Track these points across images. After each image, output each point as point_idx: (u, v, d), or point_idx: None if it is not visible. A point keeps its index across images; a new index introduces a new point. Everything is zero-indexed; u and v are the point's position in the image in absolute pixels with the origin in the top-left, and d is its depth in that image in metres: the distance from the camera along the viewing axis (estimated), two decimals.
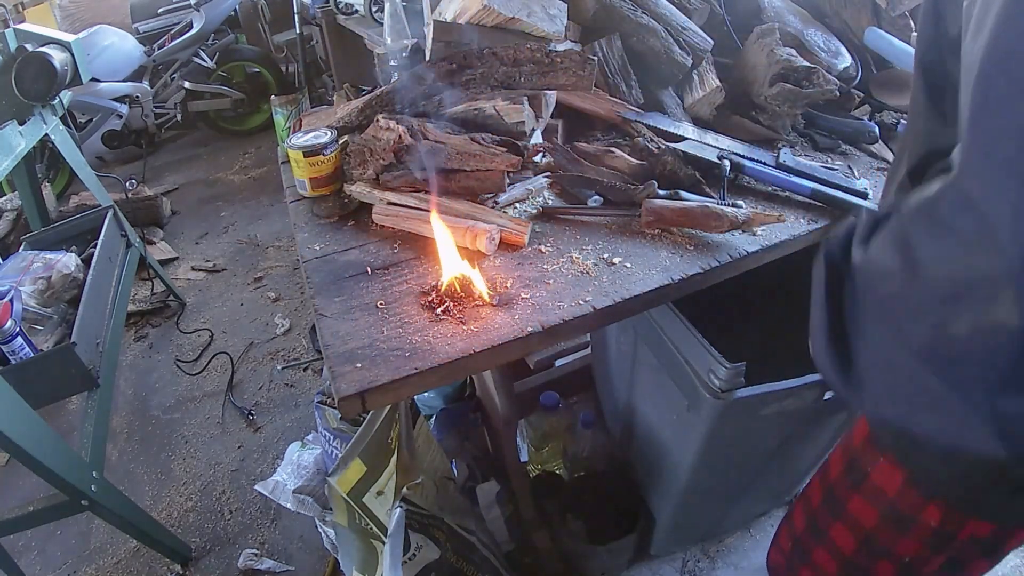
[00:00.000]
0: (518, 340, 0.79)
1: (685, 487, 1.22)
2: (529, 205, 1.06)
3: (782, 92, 1.12)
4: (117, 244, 2.00)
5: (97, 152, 3.89)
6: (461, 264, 0.88)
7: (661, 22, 1.21)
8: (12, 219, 2.74)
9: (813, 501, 0.85)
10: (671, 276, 0.88)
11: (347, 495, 1.07)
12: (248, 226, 3.11)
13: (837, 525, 0.77)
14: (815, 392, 0.99)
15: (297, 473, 1.56)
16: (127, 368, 2.28)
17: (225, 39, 3.70)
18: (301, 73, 3.67)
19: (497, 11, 1.09)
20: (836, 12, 1.33)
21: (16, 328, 1.42)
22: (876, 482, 0.70)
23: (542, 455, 1.59)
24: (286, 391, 2.09)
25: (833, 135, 1.19)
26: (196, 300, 2.61)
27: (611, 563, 1.43)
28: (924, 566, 0.70)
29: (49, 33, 2.06)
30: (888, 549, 0.71)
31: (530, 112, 1.06)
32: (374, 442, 1.05)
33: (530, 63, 1.08)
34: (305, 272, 0.96)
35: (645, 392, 1.28)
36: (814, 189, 1.00)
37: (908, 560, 0.70)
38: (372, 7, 2.55)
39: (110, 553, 1.65)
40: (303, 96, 1.70)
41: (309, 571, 1.55)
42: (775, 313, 1.47)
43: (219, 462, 1.87)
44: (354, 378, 0.75)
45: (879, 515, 0.71)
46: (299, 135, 1.11)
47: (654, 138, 1.11)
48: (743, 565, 1.48)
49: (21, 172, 2.18)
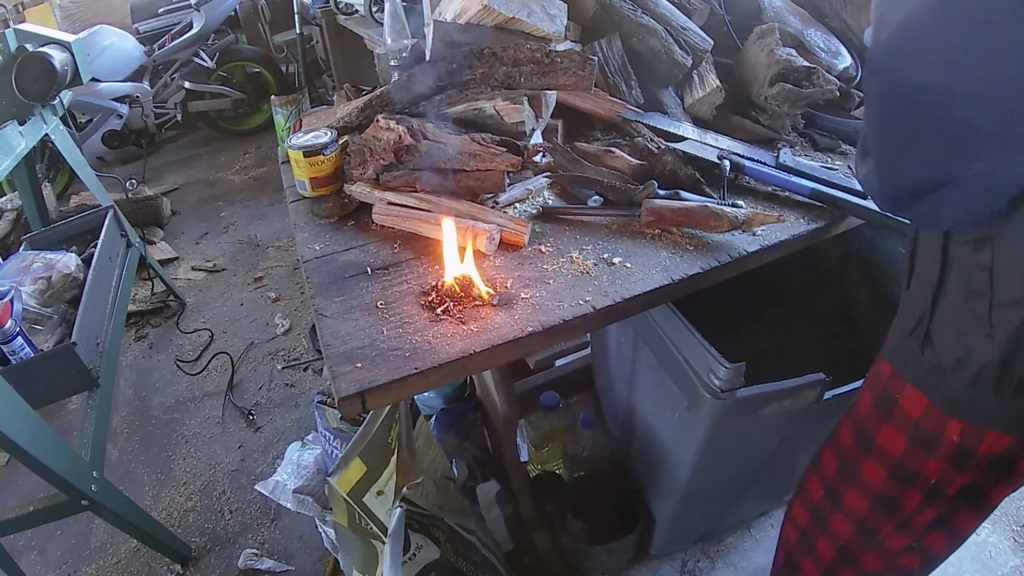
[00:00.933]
0: (518, 340, 0.80)
1: (685, 487, 1.22)
2: (529, 205, 1.06)
3: (782, 92, 1.12)
4: (117, 244, 2.00)
5: (97, 152, 3.89)
6: (465, 265, 0.88)
7: (661, 22, 1.21)
8: (12, 219, 2.74)
9: (828, 469, 0.89)
10: (671, 276, 0.88)
11: (347, 495, 1.07)
12: (248, 226, 3.12)
13: (868, 462, 0.81)
14: (815, 392, 0.99)
15: (297, 473, 1.56)
16: (127, 368, 2.29)
17: (225, 39, 3.71)
18: (301, 73, 3.67)
19: (497, 11, 1.09)
20: (836, 12, 1.34)
21: (16, 328, 1.42)
22: (904, 407, 0.74)
23: (542, 455, 1.59)
24: (286, 391, 2.09)
25: (833, 135, 1.19)
26: (196, 300, 2.61)
27: (611, 563, 1.43)
28: (947, 488, 0.74)
29: (49, 33, 2.06)
30: (916, 473, 0.75)
31: (530, 112, 1.06)
32: (374, 442, 1.05)
33: (530, 63, 1.08)
34: (305, 272, 0.96)
35: (645, 392, 1.28)
36: (814, 189, 1.00)
37: (934, 483, 0.74)
38: (372, 7, 2.56)
39: (110, 553, 1.65)
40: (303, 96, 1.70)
41: (309, 571, 1.55)
42: (775, 313, 1.47)
43: (219, 462, 1.87)
44: (354, 378, 0.76)
45: (906, 439, 0.74)
46: (299, 135, 1.11)
47: (654, 138, 1.11)
48: (743, 565, 1.48)
49: (21, 172, 2.18)
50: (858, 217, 0.99)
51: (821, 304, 1.43)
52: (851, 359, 1.16)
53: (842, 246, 1.36)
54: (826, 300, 1.42)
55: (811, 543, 0.95)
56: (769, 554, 1.50)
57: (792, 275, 1.41)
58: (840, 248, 1.37)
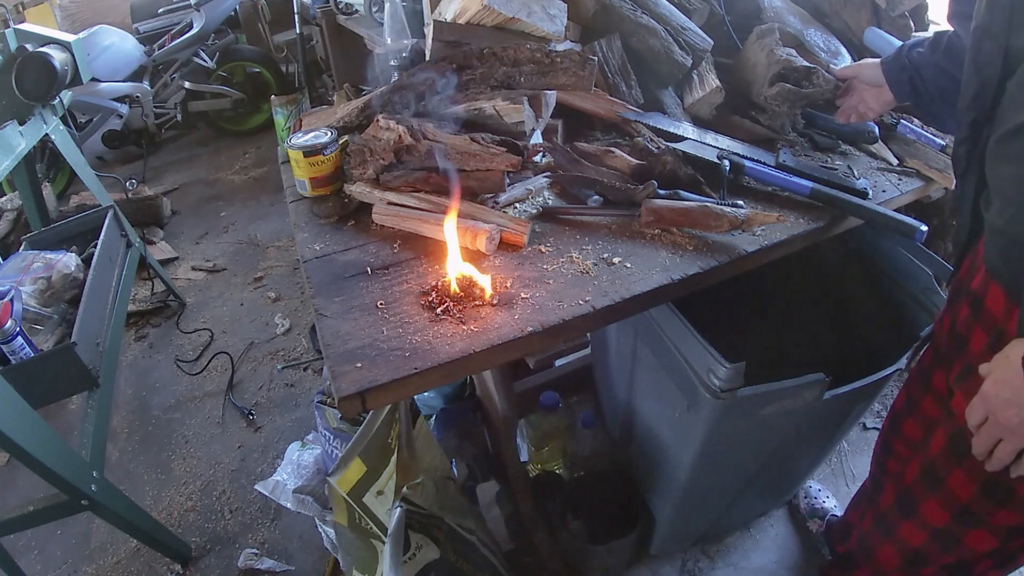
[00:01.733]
0: (518, 340, 0.80)
1: (685, 487, 1.22)
2: (529, 205, 1.06)
3: (782, 92, 1.12)
4: (117, 244, 2.00)
5: (97, 152, 3.89)
6: (465, 265, 0.88)
7: (661, 22, 1.21)
8: (12, 219, 2.74)
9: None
10: (671, 276, 0.88)
11: (347, 495, 1.07)
12: (248, 226, 3.11)
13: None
14: (815, 392, 0.99)
15: (297, 473, 1.56)
16: (127, 368, 2.28)
17: (225, 39, 3.70)
18: (301, 73, 3.67)
19: (497, 11, 1.09)
20: (836, 12, 1.34)
21: (16, 328, 1.42)
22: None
23: (542, 455, 1.59)
24: (286, 391, 2.09)
25: (833, 135, 1.19)
26: (196, 300, 2.61)
27: (611, 563, 1.43)
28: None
29: (49, 33, 2.06)
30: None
31: (530, 112, 1.06)
32: (374, 442, 1.05)
33: (530, 63, 1.08)
34: (305, 272, 0.96)
35: (645, 392, 1.28)
36: (814, 189, 1.00)
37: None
38: (372, 7, 2.55)
39: (110, 553, 1.65)
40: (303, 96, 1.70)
41: (309, 571, 1.55)
42: (775, 313, 1.47)
43: (219, 462, 1.87)
44: (354, 378, 0.76)
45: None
46: (299, 135, 1.11)
47: (654, 138, 1.11)
48: (743, 565, 1.48)
49: (21, 172, 2.18)
50: (858, 217, 1.00)
51: (821, 304, 1.43)
52: (851, 359, 1.17)
53: (842, 246, 1.36)
54: (826, 300, 1.42)
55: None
56: (769, 554, 1.51)
57: (792, 275, 1.41)
58: (840, 248, 1.37)
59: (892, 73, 1.05)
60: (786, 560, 1.49)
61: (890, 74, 1.05)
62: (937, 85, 1.00)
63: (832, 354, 1.36)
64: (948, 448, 0.86)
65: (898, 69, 1.04)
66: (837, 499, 1.55)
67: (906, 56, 1.03)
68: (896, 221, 0.96)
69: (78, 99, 3.10)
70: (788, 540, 1.53)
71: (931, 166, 1.10)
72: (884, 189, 1.08)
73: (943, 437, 0.87)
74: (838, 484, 1.64)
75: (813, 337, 1.43)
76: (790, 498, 1.59)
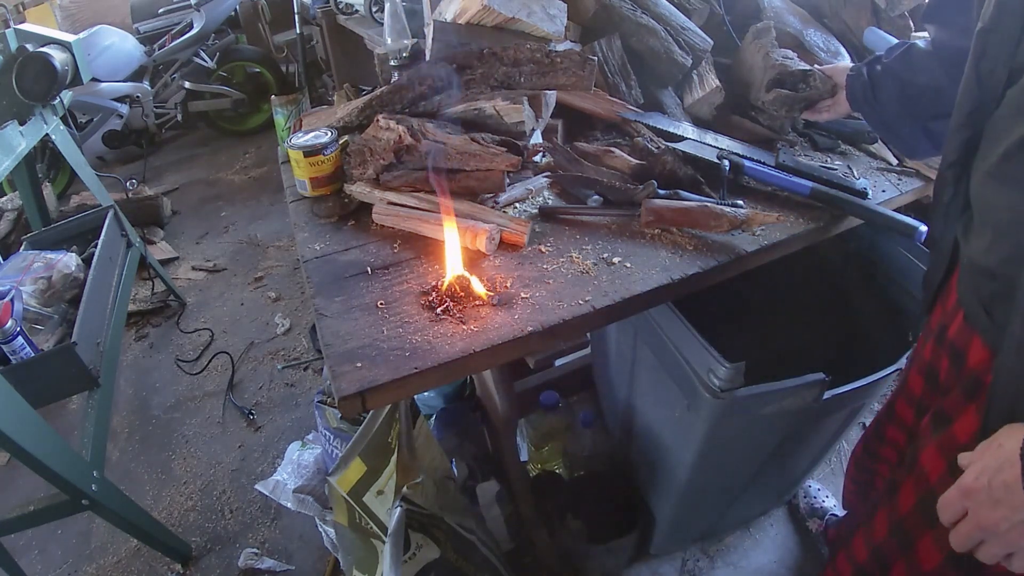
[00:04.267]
0: (518, 340, 0.80)
1: (685, 486, 1.22)
2: (529, 205, 1.06)
3: (779, 98, 1.12)
4: (118, 244, 2.00)
5: (97, 152, 3.89)
6: (463, 266, 0.88)
7: (661, 22, 1.21)
8: (13, 219, 2.74)
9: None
10: (671, 276, 0.88)
11: (347, 494, 1.07)
12: (248, 226, 3.12)
13: None
14: (815, 392, 0.99)
15: (297, 472, 1.56)
16: (127, 368, 2.29)
17: (225, 39, 3.70)
18: (301, 73, 3.67)
19: (497, 11, 1.09)
20: (836, 12, 1.34)
21: (17, 328, 1.42)
22: None
23: (542, 455, 1.59)
24: (286, 391, 2.09)
25: (832, 135, 1.19)
26: (196, 300, 2.61)
27: (611, 563, 1.43)
28: None
29: (49, 33, 2.06)
30: None
31: (530, 112, 1.07)
32: (374, 442, 1.05)
33: (530, 63, 1.08)
34: (305, 272, 0.96)
35: (645, 392, 1.28)
36: (814, 189, 1.00)
37: None
38: (372, 7, 2.56)
39: (111, 552, 1.65)
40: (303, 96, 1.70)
41: (309, 570, 1.55)
42: (775, 313, 1.47)
43: (219, 461, 1.87)
44: (354, 378, 0.76)
45: None
46: (299, 135, 1.11)
47: (654, 138, 1.11)
48: (743, 565, 1.49)
49: (22, 172, 2.18)
50: (858, 217, 1.00)
51: (821, 304, 1.43)
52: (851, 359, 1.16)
53: (842, 246, 1.36)
54: (826, 300, 1.42)
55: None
56: (769, 553, 1.51)
57: (792, 275, 1.41)
58: (840, 248, 1.37)
59: (850, 80, 1.01)
60: (786, 560, 1.49)
61: (849, 80, 1.01)
62: (889, 95, 0.95)
63: (832, 354, 1.36)
64: (918, 508, 0.76)
65: (856, 75, 1.00)
66: (837, 499, 1.55)
67: (867, 64, 0.99)
68: (896, 221, 0.96)
69: (78, 99, 3.11)
70: (788, 540, 1.53)
71: (931, 166, 1.10)
72: (884, 189, 1.08)
73: (912, 494, 0.78)
74: (838, 484, 1.64)
75: (813, 337, 1.43)
76: (790, 498, 1.59)
